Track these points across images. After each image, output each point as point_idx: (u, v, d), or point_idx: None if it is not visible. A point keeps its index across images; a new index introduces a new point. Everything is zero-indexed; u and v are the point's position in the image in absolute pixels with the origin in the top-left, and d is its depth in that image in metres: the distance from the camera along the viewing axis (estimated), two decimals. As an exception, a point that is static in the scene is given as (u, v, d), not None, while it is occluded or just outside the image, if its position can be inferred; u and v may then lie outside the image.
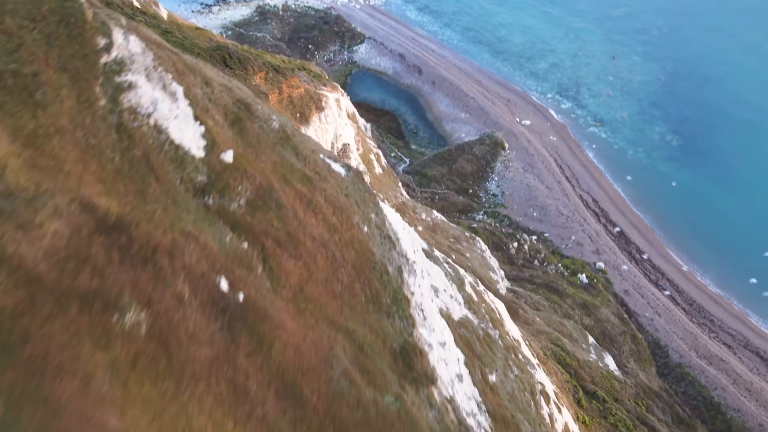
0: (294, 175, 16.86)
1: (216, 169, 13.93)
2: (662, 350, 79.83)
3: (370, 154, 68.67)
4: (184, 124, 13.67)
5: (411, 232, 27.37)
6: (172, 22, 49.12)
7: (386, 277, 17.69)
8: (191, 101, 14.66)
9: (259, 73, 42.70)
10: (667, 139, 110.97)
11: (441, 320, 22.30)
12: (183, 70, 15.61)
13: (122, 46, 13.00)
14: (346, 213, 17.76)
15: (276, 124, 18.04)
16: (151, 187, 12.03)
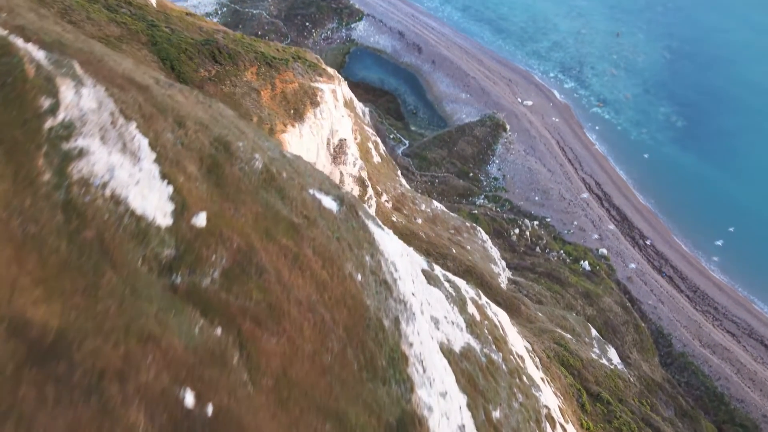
0: (279, 227, 15.13)
1: (186, 238, 12.17)
2: (665, 339, 78.72)
3: (368, 142, 66.70)
4: (148, 188, 11.89)
5: (410, 255, 25.74)
6: (160, 11, 46.85)
7: (382, 335, 16.07)
8: (159, 155, 12.86)
9: (250, 68, 40.69)
10: (671, 120, 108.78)
11: (442, 360, 20.81)
12: (151, 114, 13.79)
13: (72, 104, 11.16)
14: (337, 263, 16.07)
15: (259, 164, 16.27)
16: (106, 276, 10.26)
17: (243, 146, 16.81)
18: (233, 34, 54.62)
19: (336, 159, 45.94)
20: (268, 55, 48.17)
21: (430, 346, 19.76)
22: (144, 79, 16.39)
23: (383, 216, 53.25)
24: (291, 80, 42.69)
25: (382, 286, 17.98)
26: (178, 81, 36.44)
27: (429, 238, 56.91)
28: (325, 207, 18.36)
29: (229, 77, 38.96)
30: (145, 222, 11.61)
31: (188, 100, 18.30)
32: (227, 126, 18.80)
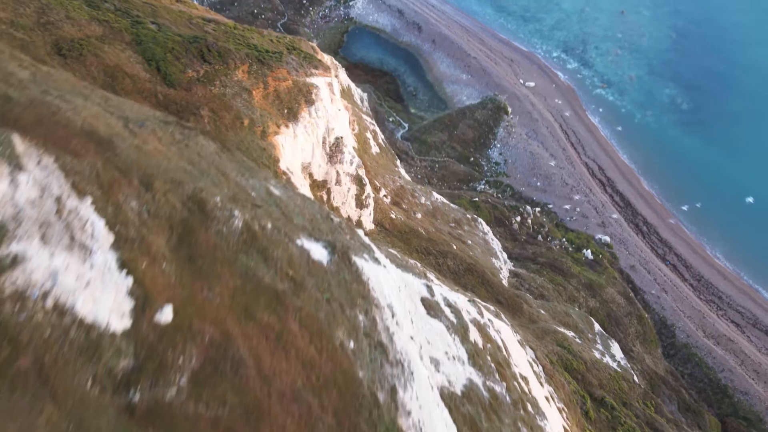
0: (260, 300, 13.45)
1: (147, 342, 10.50)
2: (669, 330, 77.55)
3: (367, 132, 64.72)
4: (102, 287, 10.18)
5: (408, 285, 24.20)
6: (147, 2, 44.58)
7: (376, 412, 14.50)
8: (118, 236, 11.12)
9: (241, 66, 38.66)
10: (677, 103, 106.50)
11: (443, 412, 19.32)
12: (112, 180, 12.04)
13: (4, 199, 9.41)
14: (326, 334, 14.44)
15: (239, 222, 14.54)
16: (44, 413, 8.60)
17: (221, 201, 15.07)
18: (225, 24, 52.40)
19: (332, 158, 44.13)
20: (261, 48, 46.04)
21: (430, 404, 18.19)
22: (109, 129, 14.64)
23: (382, 213, 51.57)
24: (284, 77, 40.67)
25: (377, 350, 16.37)
26: (165, 83, 34.48)
27: (429, 234, 55.28)
28: (314, 260, 16.67)
29: (218, 77, 36.99)
30: (96, 331, 9.93)
31: (162, 143, 16.53)
32: (205, 170, 17.08)
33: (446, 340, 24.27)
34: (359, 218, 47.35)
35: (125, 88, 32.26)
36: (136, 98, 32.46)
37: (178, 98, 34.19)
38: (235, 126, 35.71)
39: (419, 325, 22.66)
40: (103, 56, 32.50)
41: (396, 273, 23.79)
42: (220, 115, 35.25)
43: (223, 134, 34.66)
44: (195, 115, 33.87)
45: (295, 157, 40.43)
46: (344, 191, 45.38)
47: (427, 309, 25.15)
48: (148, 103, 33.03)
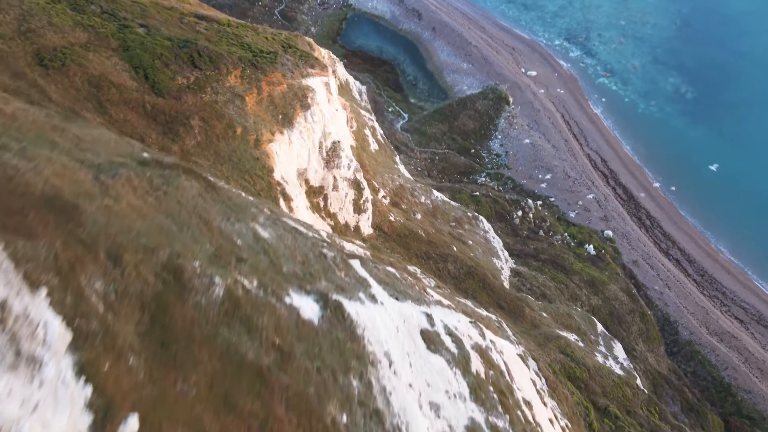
0: (242, 384, 12.17)
1: (108, 464, 9.19)
2: (672, 326, 76.57)
3: (365, 129, 63.21)
4: (54, 406, 8.87)
5: (407, 320, 23.04)
6: (137, 2, 42.89)
7: (372, 495, 13.34)
8: (77, 333, 9.81)
9: (234, 71, 37.12)
10: (681, 92, 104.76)
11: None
12: (74, 261, 10.70)
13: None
14: (316, 413, 13.17)
15: (220, 290, 13.22)
16: None
17: (200, 265, 13.72)
18: (218, 22, 50.71)
19: (329, 163, 42.72)
20: (255, 49, 44.43)
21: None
22: (76, 187, 13.28)
23: (381, 216, 50.25)
24: (279, 81, 39.15)
25: (373, 419, 15.16)
26: (153, 92, 33.00)
27: (429, 235, 54.02)
28: (304, 320, 15.40)
29: (210, 83, 35.49)
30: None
31: (137, 194, 15.15)
32: (186, 222, 15.71)
33: (447, 377, 23.08)
34: (357, 223, 46.05)
35: (111, 99, 30.80)
36: (122, 109, 31.02)
37: (168, 108, 32.74)
38: (228, 135, 34.29)
39: (419, 366, 21.47)
40: (88, 65, 30.99)
41: (394, 309, 22.61)
42: (212, 125, 33.82)
43: (214, 145, 33.28)
44: (185, 125, 32.43)
45: (290, 164, 39.05)
46: (341, 197, 44.03)
47: (427, 343, 23.94)
48: (136, 114, 31.60)
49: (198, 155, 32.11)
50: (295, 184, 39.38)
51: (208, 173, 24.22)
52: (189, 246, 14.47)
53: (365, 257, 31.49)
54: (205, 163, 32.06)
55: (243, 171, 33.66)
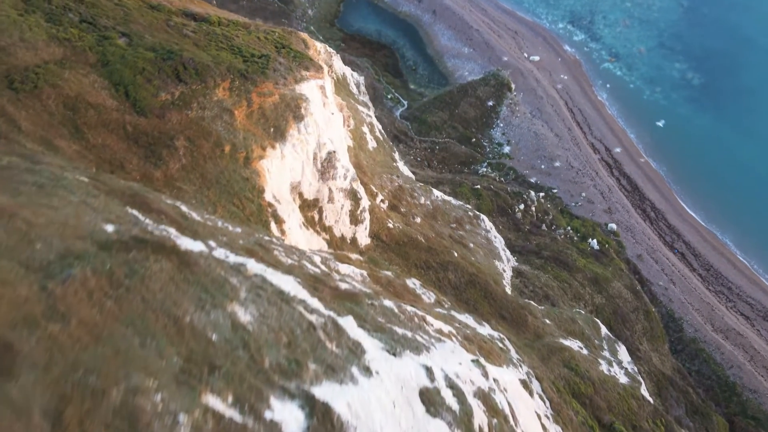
0: None
1: None
2: (676, 324, 75.11)
3: (363, 126, 61.01)
4: None
5: (405, 385, 21.15)
6: (120, 5, 40.47)
7: None
8: None
9: (222, 83, 34.95)
10: (687, 78, 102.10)
11: None
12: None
13: None
14: None
15: (185, 429, 11.34)
16: None
17: (163, 400, 11.77)
18: (208, 21, 48.25)
19: (324, 175, 40.71)
20: (246, 52, 42.12)
21: None
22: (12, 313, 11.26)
23: (378, 223, 48.33)
24: (270, 92, 36.93)
25: None
26: (134, 111, 30.85)
27: (429, 241, 52.16)
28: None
29: (196, 98, 33.32)
30: None
31: (93, 301, 13.17)
32: (150, 328, 13.70)
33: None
34: (354, 235, 44.17)
35: (88, 122, 28.70)
36: (101, 133, 28.94)
37: (150, 128, 30.63)
38: (215, 155, 32.23)
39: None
40: (63, 85, 28.83)
41: (391, 375, 20.70)
42: (198, 144, 31.74)
43: (201, 167, 31.25)
44: (169, 147, 30.36)
45: (282, 179, 37.05)
46: (337, 209, 42.10)
47: (427, 406, 22.17)
48: (115, 137, 29.52)
49: (183, 180, 30.09)
50: (288, 201, 37.41)
51: (187, 231, 22.08)
52: (152, 367, 12.50)
53: (360, 293, 29.61)
54: (190, 188, 30.06)
55: (231, 194, 31.67)
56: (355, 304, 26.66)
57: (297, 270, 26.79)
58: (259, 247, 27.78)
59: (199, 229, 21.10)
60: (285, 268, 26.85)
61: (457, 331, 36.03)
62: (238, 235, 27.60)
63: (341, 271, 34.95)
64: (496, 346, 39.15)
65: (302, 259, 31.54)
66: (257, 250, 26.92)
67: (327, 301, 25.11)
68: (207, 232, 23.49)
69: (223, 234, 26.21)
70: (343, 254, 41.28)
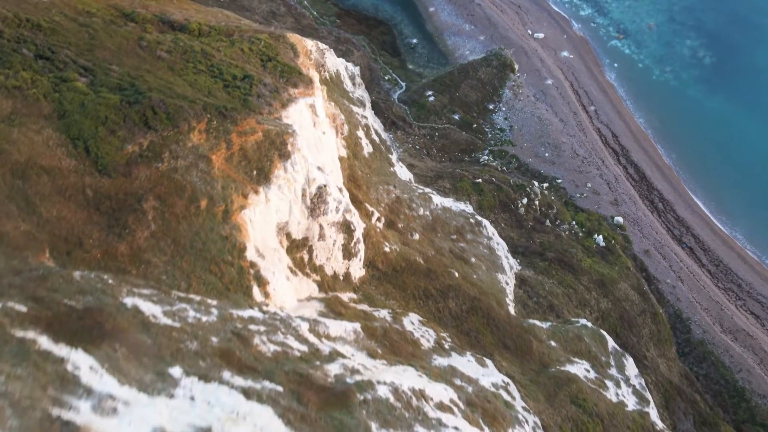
0: None
1: None
2: (684, 324, 72.54)
3: (358, 130, 57.15)
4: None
5: None
6: (84, 26, 36.30)
7: None
8: None
9: (197, 126, 31.11)
10: (698, 56, 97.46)
11: None
12: None
13: None
14: None
15: None
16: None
17: None
18: (188, 32, 44.03)
19: (314, 211, 37.25)
20: (227, 75, 38.25)
21: None
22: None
23: (374, 248, 45.01)
24: (252, 129, 33.18)
25: None
26: (96, 170, 27.25)
27: (428, 261, 49.00)
28: None
29: (168, 146, 29.67)
30: None
31: None
32: None
33: None
34: (347, 270, 40.95)
35: (41, 192, 25.17)
36: (56, 203, 25.42)
37: (114, 190, 27.08)
38: (190, 213, 28.74)
39: None
40: (11, 149, 25.21)
41: None
42: (170, 203, 28.22)
43: (173, 231, 27.80)
44: (136, 212, 26.87)
45: (267, 225, 33.63)
46: (329, 245, 38.79)
47: None
48: (74, 206, 26.02)
49: (152, 250, 26.68)
50: (274, 248, 34.08)
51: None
52: None
53: (351, 390, 26.48)
54: (160, 260, 26.67)
55: (208, 260, 28.30)
56: (346, 412, 23.75)
57: (278, 373, 23.68)
58: (236, 341, 24.62)
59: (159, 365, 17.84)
60: (265, 370, 23.76)
61: (459, 396, 33.19)
62: (213, 327, 24.41)
63: (331, 335, 31.91)
64: (501, 401, 36.41)
65: (288, 333, 28.46)
66: (233, 349, 23.78)
67: (312, 420, 22.16)
68: (170, 355, 20.29)
69: (193, 336, 22.99)
70: (335, 299, 38.17)
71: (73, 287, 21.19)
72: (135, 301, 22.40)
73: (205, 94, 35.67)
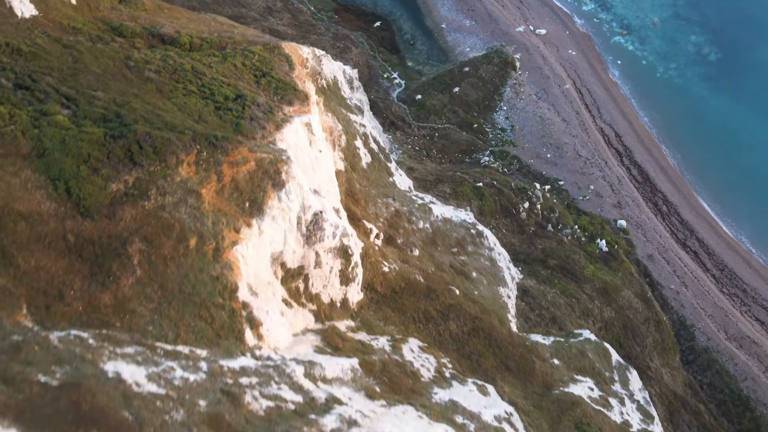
0: None
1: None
2: (688, 331, 71.36)
3: (356, 140, 55.58)
4: None
5: None
6: (68, 46, 34.63)
7: None
8: None
9: (186, 158, 29.54)
10: (703, 53, 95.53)
11: None
12: None
13: None
14: None
15: None
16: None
17: None
18: (179, 41, 42.35)
19: (310, 239, 35.82)
20: (218, 96, 36.65)
21: None
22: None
23: (373, 269, 43.61)
24: (244, 159, 31.62)
25: None
26: (78, 212, 25.78)
27: (428, 279, 47.65)
28: None
29: (155, 183, 28.17)
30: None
31: None
32: None
33: None
34: (345, 295, 39.59)
35: (18, 240, 23.74)
36: (35, 251, 23.96)
37: (97, 233, 25.62)
38: (178, 254, 27.29)
39: None
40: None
41: None
42: (157, 244, 26.76)
43: (161, 275, 26.37)
44: (120, 257, 25.42)
45: (261, 258, 32.20)
46: (325, 273, 37.41)
47: None
48: (54, 254, 24.59)
49: (138, 298, 25.26)
50: (268, 282, 32.68)
51: None
52: None
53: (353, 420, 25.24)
54: (147, 308, 25.25)
55: (198, 304, 26.88)
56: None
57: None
58: (225, 402, 23.23)
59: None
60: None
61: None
62: (201, 387, 23.04)
63: (328, 377, 30.57)
64: None
65: (282, 382, 27.11)
66: (222, 414, 22.40)
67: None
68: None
69: (179, 403, 21.60)
70: (332, 329, 36.80)
71: (50, 356, 19.81)
72: (117, 367, 21.03)
73: (195, 118, 34.09)
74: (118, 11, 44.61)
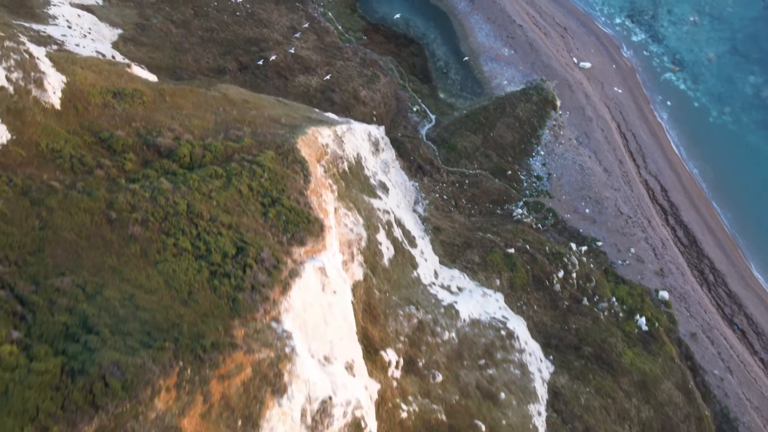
0: None
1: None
2: (731, 426, 65.40)
3: (378, 233, 49.82)
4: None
5: None
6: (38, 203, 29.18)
7: None
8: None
9: (165, 384, 24.04)
10: (762, 96, 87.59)
11: None
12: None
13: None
14: None
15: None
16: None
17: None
18: (177, 153, 36.62)
19: (317, 428, 30.61)
20: (215, 252, 31.17)
21: None
22: None
23: (389, 419, 38.31)
24: (238, 368, 26.19)
25: None
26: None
27: (451, 415, 42.37)
28: None
29: (122, 427, 22.82)
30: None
31: None
32: None
33: None
34: (355, 470, 34.34)
35: None
36: None
37: None
38: None
39: None
40: None
41: None
42: None
43: None
44: None
45: (254, 478, 26.97)
46: (333, 458, 32.11)
47: None
48: None
49: None
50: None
51: None
52: None
53: None
54: None
55: None
56: None
57: None
58: None
59: None
60: None
61: None
62: None
63: None
64: None
65: None
66: None
67: None
68: None
69: None
70: None
71: None
72: None
73: (184, 296, 28.59)
74: (110, 110, 38.90)
